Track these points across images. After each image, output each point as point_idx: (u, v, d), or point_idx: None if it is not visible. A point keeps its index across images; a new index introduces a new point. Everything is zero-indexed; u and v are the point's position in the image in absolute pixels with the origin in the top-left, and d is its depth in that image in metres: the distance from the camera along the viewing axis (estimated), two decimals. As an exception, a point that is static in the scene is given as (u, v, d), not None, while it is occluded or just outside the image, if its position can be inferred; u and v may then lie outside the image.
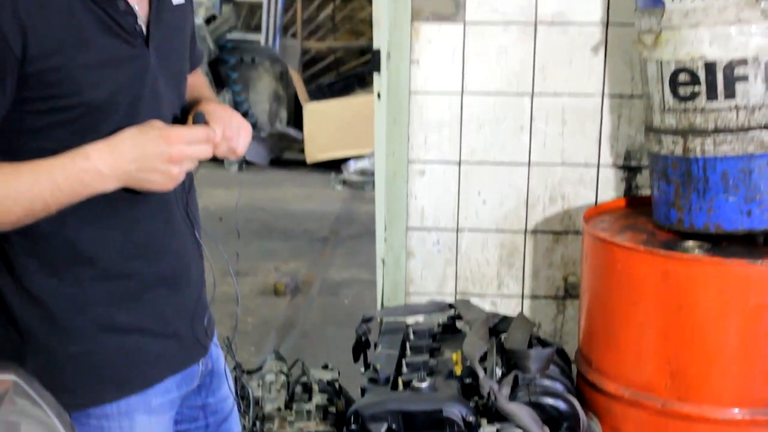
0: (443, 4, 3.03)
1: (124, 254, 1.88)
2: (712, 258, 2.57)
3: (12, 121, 1.76)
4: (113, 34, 1.79)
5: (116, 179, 1.77)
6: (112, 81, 1.79)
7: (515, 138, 3.09)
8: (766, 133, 2.58)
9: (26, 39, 1.69)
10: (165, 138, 1.77)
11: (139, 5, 1.85)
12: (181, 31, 1.99)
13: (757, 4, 2.52)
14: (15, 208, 1.73)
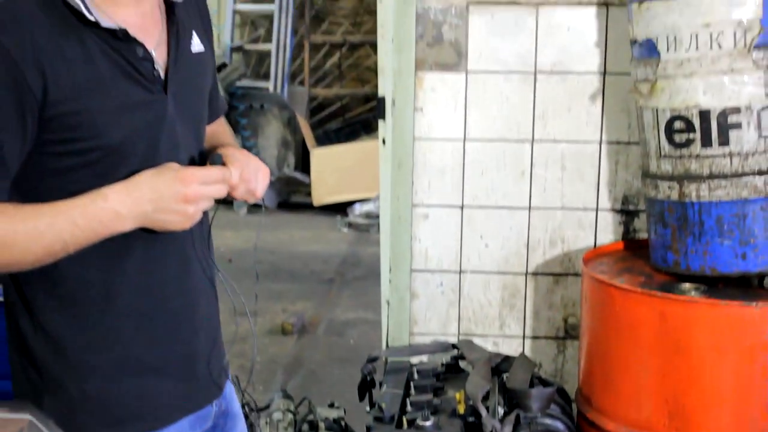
0: (446, 54, 3.05)
1: (140, 294, 1.88)
2: (709, 300, 2.57)
3: (34, 163, 1.77)
4: (131, 79, 1.80)
5: (133, 219, 1.77)
6: (129, 125, 1.80)
7: (516, 183, 3.10)
8: (760, 178, 2.59)
9: (46, 84, 1.70)
10: (180, 179, 1.77)
11: (157, 52, 1.86)
12: (200, 78, 1.99)
13: (749, 55, 2.54)
14: (35, 247, 1.73)
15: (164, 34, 1.89)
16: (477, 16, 3.03)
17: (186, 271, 1.95)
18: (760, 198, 2.59)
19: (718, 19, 2.54)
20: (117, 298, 1.86)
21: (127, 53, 1.79)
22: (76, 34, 1.74)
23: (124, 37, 1.79)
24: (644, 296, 2.61)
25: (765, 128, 2.57)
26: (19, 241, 1.72)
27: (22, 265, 1.76)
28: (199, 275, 1.98)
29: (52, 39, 1.72)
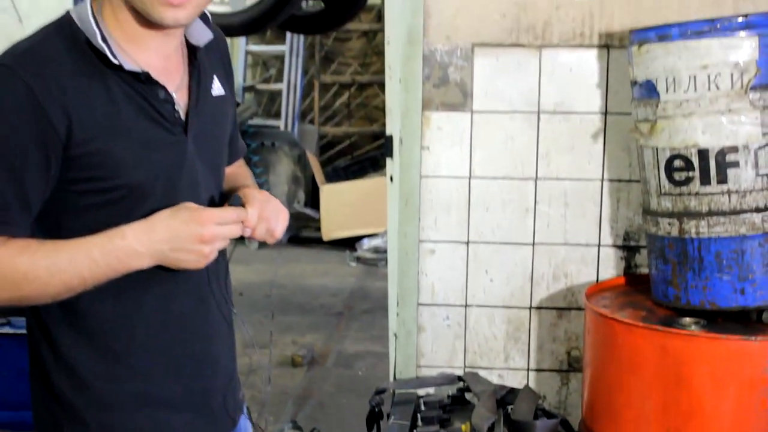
0: (452, 94, 3.06)
1: (158, 330, 1.89)
2: (708, 334, 2.56)
3: (56, 201, 1.78)
4: (153, 120, 1.81)
5: (150, 257, 1.78)
6: (150, 165, 1.81)
7: (520, 219, 3.10)
8: (757, 215, 2.59)
9: (71, 124, 1.72)
10: (197, 219, 1.78)
11: (179, 94, 1.87)
12: (220, 120, 2.00)
13: (746, 95, 2.54)
14: (55, 282, 1.74)
15: (186, 77, 1.91)
16: (482, 57, 3.04)
17: (202, 308, 1.95)
18: (758, 234, 2.59)
19: (715, 62, 2.55)
20: (135, 333, 1.87)
21: (149, 95, 1.81)
22: (100, 76, 1.76)
23: (147, 80, 1.81)
24: (646, 330, 2.60)
25: (762, 167, 2.58)
26: (40, 275, 1.73)
27: (42, 298, 1.77)
28: (215, 312, 1.98)
29: (77, 81, 1.74)
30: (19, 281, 1.73)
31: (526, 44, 3.03)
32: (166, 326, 1.91)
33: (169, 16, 1.76)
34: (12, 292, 1.75)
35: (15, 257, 1.73)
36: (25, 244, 1.74)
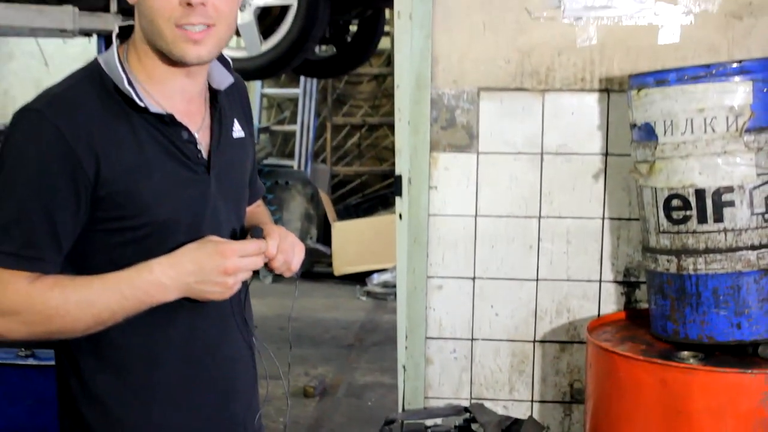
0: (459, 136, 3.07)
1: (183, 361, 1.89)
2: (706, 367, 2.55)
3: (86, 239, 1.79)
4: (177, 160, 1.83)
5: (177, 290, 1.78)
6: (175, 203, 1.82)
7: (524, 256, 3.11)
8: (753, 252, 2.59)
9: (99, 165, 1.73)
10: (220, 252, 1.78)
11: (201, 135, 1.88)
12: (240, 161, 2.01)
13: (741, 138, 2.55)
14: (86, 316, 1.74)
15: (208, 119, 1.92)
16: (487, 101, 3.06)
17: (226, 339, 1.95)
18: (754, 271, 2.59)
19: (711, 105, 2.56)
20: (161, 365, 1.87)
21: (173, 136, 1.83)
22: (126, 119, 1.78)
23: (171, 122, 1.82)
24: (646, 363, 2.59)
25: (757, 206, 2.58)
26: (71, 310, 1.74)
27: (74, 332, 1.77)
28: (238, 342, 1.98)
29: (105, 124, 1.76)
30: (52, 316, 1.74)
31: (529, 88, 3.05)
32: (190, 357, 1.90)
33: (192, 53, 1.78)
34: (44, 326, 1.76)
35: (47, 292, 1.73)
36: (56, 280, 1.75)
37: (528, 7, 3.02)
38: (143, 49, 1.82)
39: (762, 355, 2.62)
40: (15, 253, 1.72)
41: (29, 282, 1.73)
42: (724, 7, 2.99)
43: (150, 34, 1.79)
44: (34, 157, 1.72)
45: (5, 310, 1.73)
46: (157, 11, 1.76)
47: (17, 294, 1.72)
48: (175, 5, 1.75)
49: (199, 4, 1.75)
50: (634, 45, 3.01)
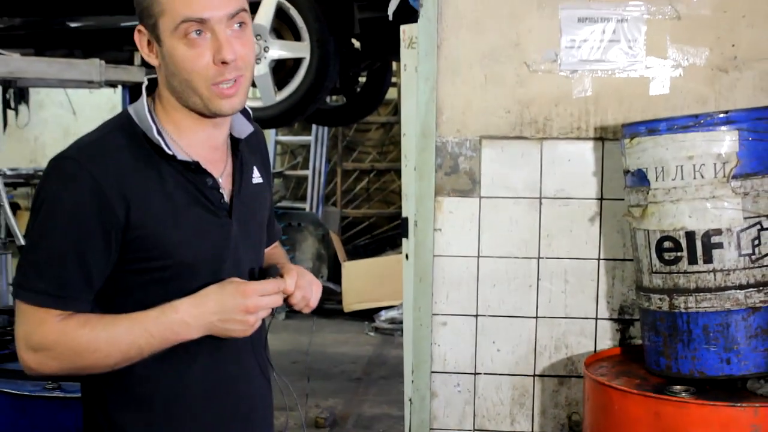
0: (462, 181, 3.08)
1: (204, 396, 1.88)
2: (698, 401, 2.54)
3: (113, 279, 1.80)
4: (201, 206, 1.83)
5: (201, 329, 1.79)
6: (199, 246, 1.83)
7: (525, 295, 3.10)
8: (741, 292, 2.58)
9: (130, 210, 1.74)
10: (242, 292, 1.79)
11: (224, 181, 1.89)
12: (259, 206, 2.01)
13: (728, 183, 2.56)
14: (114, 353, 1.75)
15: (230, 166, 1.92)
16: (489, 149, 3.07)
17: (245, 375, 1.95)
18: (742, 309, 2.59)
19: (700, 153, 2.57)
20: (183, 399, 1.87)
21: (198, 182, 1.83)
22: (155, 166, 1.79)
23: (197, 169, 1.83)
24: (640, 397, 2.58)
25: (744, 247, 2.58)
26: (101, 347, 1.74)
27: (102, 368, 1.78)
28: (257, 378, 1.98)
29: (136, 171, 1.77)
30: (82, 352, 1.75)
31: (528, 137, 3.06)
32: (212, 392, 1.90)
33: (227, 107, 1.80)
34: (75, 362, 1.76)
35: (78, 330, 1.74)
36: (86, 319, 1.75)
37: (527, 61, 3.04)
38: (171, 103, 1.83)
39: (750, 389, 2.61)
40: (49, 293, 1.74)
41: (61, 320, 1.74)
42: (711, 61, 3.01)
43: (181, 93, 1.80)
44: (68, 202, 1.73)
45: (38, 345, 1.74)
46: (191, 72, 1.76)
47: (50, 331, 1.73)
48: (209, 65, 1.75)
49: (233, 61, 1.75)
50: (626, 96, 3.03)
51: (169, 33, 1.75)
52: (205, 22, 1.74)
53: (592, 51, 3.02)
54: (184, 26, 1.74)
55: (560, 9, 3.01)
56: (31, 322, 1.75)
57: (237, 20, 1.77)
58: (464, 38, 3.05)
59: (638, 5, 3.00)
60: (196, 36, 1.74)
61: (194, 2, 1.73)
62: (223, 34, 1.75)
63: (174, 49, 1.76)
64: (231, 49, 1.75)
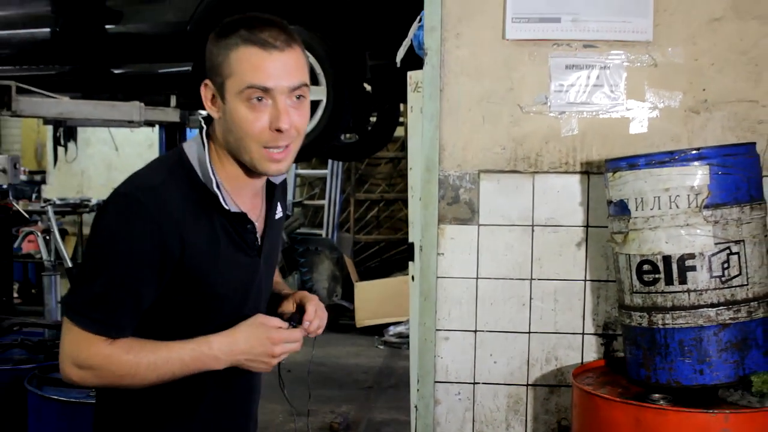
0: (462, 211, 3.09)
1: (213, 412, 1.93)
2: (674, 408, 2.53)
3: (156, 307, 1.80)
4: (239, 248, 1.85)
5: (228, 363, 1.82)
6: (232, 281, 1.85)
7: (518, 312, 3.10)
8: (712, 310, 2.58)
9: (183, 251, 1.75)
10: (271, 339, 1.82)
11: (258, 224, 1.90)
12: (278, 238, 2.05)
13: (700, 213, 2.56)
14: (151, 376, 1.77)
15: (264, 208, 1.94)
16: (486, 181, 3.08)
17: (247, 399, 2.00)
18: (713, 325, 2.58)
19: (675, 185, 2.58)
20: (195, 417, 1.90)
21: (240, 228, 1.84)
22: (207, 213, 1.79)
23: (243, 219, 1.84)
24: (622, 404, 2.58)
25: (715, 270, 2.58)
26: (140, 372, 1.76)
27: (137, 387, 1.79)
28: (252, 400, 2.03)
29: (190, 215, 1.76)
30: (123, 376, 1.76)
31: (522, 171, 3.07)
32: (219, 409, 1.93)
33: (273, 169, 1.80)
34: (114, 382, 1.78)
35: (122, 356, 1.75)
36: (130, 346, 1.76)
37: (520, 103, 3.06)
38: (226, 158, 1.82)
39: (721, 397, 2.60)
40: (102, 322, 1.74)
41: (108, 344, 1.74)
42: (684, 103, 3.02)
43: (236, 149, 1.79)
44: (130, 240, 1.72)
45: (85, 365, 1.74)
46: (247, 133, 1.75)
47: (97, 354, 1.74)
48: (265, 130, 1.74)
49: (286, 129, 1.75)
50: (609, 134, 3.04)
51: (234, 94, 1.74)
52: (268, 91, 1.73)
53: (578, 95, 3.03)
54: (248, 91, 1.72)
55: (549, 57, 3.03)
56: (80, 342, 1.74)
57: (297, 93, 1.77)
58: (464, 83, 3.06)
59: (619, 54, 3.02)
60: (257, 102, 1.73)
61: (262, 72, 1.72)
62: (282, 104, 1.74)
63: (236, 110, 1.74)
64: (287, 119, 1.74)
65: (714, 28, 2.99)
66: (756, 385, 2.54)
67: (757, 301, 2.60)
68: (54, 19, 5.52)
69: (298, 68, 1.76)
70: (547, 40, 3.02)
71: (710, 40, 2.99)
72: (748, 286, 2.59)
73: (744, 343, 2.58)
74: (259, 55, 1.72)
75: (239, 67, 1.73)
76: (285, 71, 1.73)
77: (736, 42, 2.99)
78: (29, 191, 9.90)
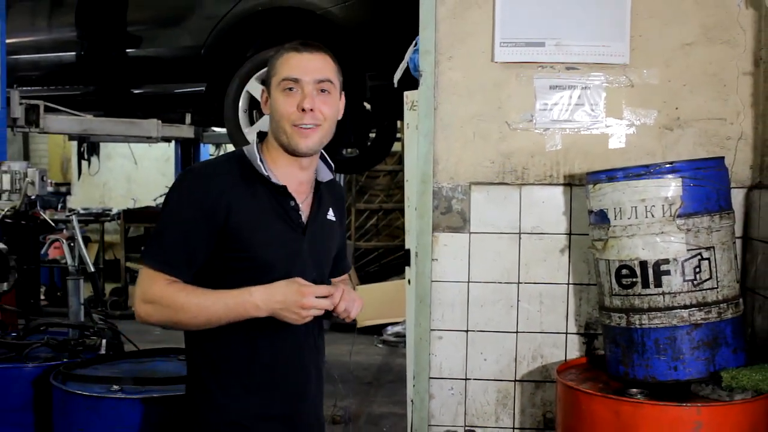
0: (455, 220, 3.09)
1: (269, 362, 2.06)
2: (650, 401, 2.53)
3: (211, 265, 2.00)
4: (282, 219, 2.04)
5: (266, 311, 1.96)
6: (275, 251, 2.03)
7: (506, 314, 3.10)
8: (685, 311, 2.58)
9: (229, 214, 1.98)
10: (301, 292, 1.96)
11: (304, 206, 2.09)
12: (329, 236, 2.19)
13: (674, 221, 2.56)
14: (200, 315, 1.95)
15: (311, 199, 2.12)
16: (477, 193, 3.08)
17: (298, 356, 2.11)
18: (686, 325, 2.58)
19: (650, 196, 2.58)
20: (250, 363, 2.05)
21: (283, 202, 2.05)
22: (253, 186, 2.03)
23: (284, 192, 2.04)
24: (603, 398, 2.58)
25: (687, 274, 2.58)
26: (192, 309, 1.95)
27: (192, 326, 2.00)
28: (308, 360, 2.15)
29: (238, 186, 2.01)
30: (178, 309, 1.94)
31: (510, 183, 3.08)
32: (273, 360, 2.06)
33: (302, 144, 2.03)
34: (171, 317, 1.96)
35: (178, 293, 1.95)
36: (184, 287, 1.97)
37: (508, 120, 3.06)
38: (273, 144, 2.08)
39: (694, 391, 2.60)
40: (163, 261, 1.98)
41: (168, 283, 1.96)
42: (658, 121, 3.03)
43: (276, 132, 2.05)
44: (186, 204, 1.99)
45: (149, 298, 1.97)
46: (282, 115, 2.02)
47: (158, 288, 1.96)
48: (294, 110, 2.01)
49: (309, 110, 2.00)
50: (590, 150, 3.04)
51: (275, 87, 2.04)
52: (298, 81, 2.02)
53: (561, 113, 3.04)
54: (283, 83, 2.03)
55: (535, 79, 3.04)
56: (147, 281, 1.98)
57: (322, 86, 2.04)
58: (456, 102, 3.07)
59: (599, 75, 3.02)
60: (290, 91, 2.02)
61: (294, 67, 2.02)
62: (308, 90, 2.02)
63: (275, 99, 2.04)
64: (311, 101, 2.01)
65: (686, 52, 3.00)
66: (726, 381, 2.54)
67: (726, 302, 2.61)
68: (79, 43, 5.53)
69: (324, 67, 2.05)
70: (532, 63, 3.03)
71: (682, 62, 3.01)
72: (718, 289, 2.59)
73: (714, 341, 2.59)
74: (294, 56, 2.04)
75: (279, 67, 2.04)
76: (312, 67, 2.03)
77: (706, 65, 3.00)
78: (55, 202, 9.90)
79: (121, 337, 3.40)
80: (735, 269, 2.66)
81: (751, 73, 2.98)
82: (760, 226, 2.85)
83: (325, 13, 4.65)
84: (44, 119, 4.71)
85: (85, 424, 2.70)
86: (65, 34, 5.60)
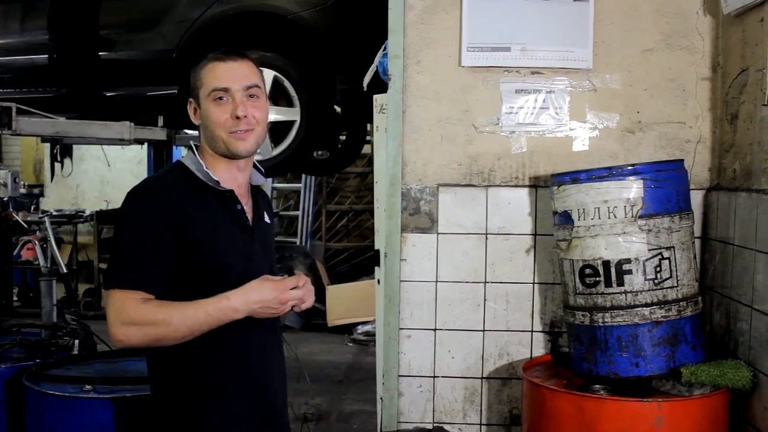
0: (423, 220, 3.09)
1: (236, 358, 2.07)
2: (613, 397, 2.55)
3: (174, 276, 2.00)
4: (233, 224, 2.08)
5: (245, 312, 1.99)
6: (232, 253, 2.06)
7: (474, 312, 3.10)
8: (646, 309, 2.60)
9: (187, 222, 2.00)
10: (278, 288, 2.02)
11: (247, 208, 2.13)
12: (269, 237, 2.25)
13: (635, 222, 2.58)
14: (182, 327, 1.95)
15: (250, 202, 2.16)
16: (444, 194, 3.09)
17: (264, 350, 2.14)
18: (647, 323, 2.60)
19: (613, 198, 2.60)
20: (220, 361, 2.06)
21: (231, 207, 2.09)
22: (202, 194, 2.05)
23: (231, 196, 2.07)
24: (567, 394, 2.59)
25: (649, 273, 2.60)
26: (174, 321, 1.94)
27: (173, 340, 1.97)
28: (273, 351, 2.18)
29: (190, 196, 2.03)
30: (159, 325, 1.93)
31: (476, 184, 3.08)
32: (241, 357, 2.07)
33: (241, 147, 2.07)
34: (153, 334, 1.94)
35: (156, 309, 1.94)
36: (159, 303, 1.96)
37: (474, 124, 3.07)
38: (209, 151, 2.11)
39: (655, 387, 2.62)
40: (133, 279, 1.95)
41: (142, 301, 1.94)
42: (620, 124, 3.05)
43: (211, 141, 2.08)
44: (146, 218, 1.97)
45: (128, 320, 1.93)
46: (216, 124, 2.06)
47: (134, 308, 1.94)
48: (228, 118, 2.05)
49: (243, 117, 2.04)
50: (554, 152, 3.06)
51: (205, 98, 2.07)
52: (228, 90, 2.05)
53: (526, 116, 3.05)
54: (213, 93, 2.06)
55: (501, 83, 3.05)
56: (120, 303, 1.94)
57: (251, 92, 2.08)
58: (424, 106, 3.07)
59: (563, 80, 3.04)
60: (221, 100, 2.06)
61: (221, 78, 2.06)
62: (239, 98, 2.05)
63: (207, 110, 2.07)
64: (243, 108, 2.05)
65: (647, 58, 3.03)
66: (685, 376, 2.56)
67: (685, 300, 2.63)
68: (51, 46, 5.46)
69: (251, 73, 2.09)
70: (498, 67, 3.04)
71: (643, 68, 3.03)
72: (678, 288, 2.61)
73: (675, 338, 2.61)
74: (219, 65, 2.06)
75: (206, 79, 2.07)
76: (239, 75, 2.06)
77: (666, 70, 3.03)
78: (28, 203, 9.77)
79: (94, 338, 3.36)
80: (694, 268, 2.69)
81: (709, 78, 3.01)
82: (718, 227, 2.88)
83: (295, 17, 4.65)
84: (17, 121, 4.64)
85: (58, 424, 2.67)
86: (38, 37, 5.53)
